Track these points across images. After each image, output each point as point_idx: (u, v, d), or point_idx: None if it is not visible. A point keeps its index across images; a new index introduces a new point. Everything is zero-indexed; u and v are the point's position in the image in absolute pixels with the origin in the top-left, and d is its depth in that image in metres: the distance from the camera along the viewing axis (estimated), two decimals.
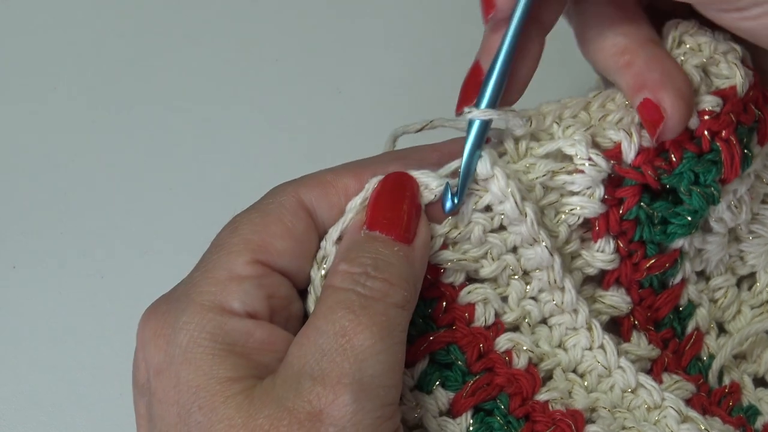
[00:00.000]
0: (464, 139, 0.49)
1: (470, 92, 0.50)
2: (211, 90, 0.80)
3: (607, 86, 0.53)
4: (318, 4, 0.84)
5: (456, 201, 0.48)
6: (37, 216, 0.75)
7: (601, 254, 0.52)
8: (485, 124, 0.49)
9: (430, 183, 0.48)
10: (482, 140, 0.49)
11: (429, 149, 0.51)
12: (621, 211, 0.51)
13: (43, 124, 0.79)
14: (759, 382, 0.56)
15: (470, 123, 0.49)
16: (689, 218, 0.51)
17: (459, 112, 0.50)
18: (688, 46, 0.52)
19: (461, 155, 0.49)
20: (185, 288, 0.46)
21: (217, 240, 0.47)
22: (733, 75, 0.51)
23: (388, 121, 0.78)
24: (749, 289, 0.57)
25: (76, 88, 0.81)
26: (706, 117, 0.50)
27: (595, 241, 0.52)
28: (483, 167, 0.48)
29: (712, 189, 0.51)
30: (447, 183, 0.48)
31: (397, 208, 0.47)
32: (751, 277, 0.57)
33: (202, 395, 0.43)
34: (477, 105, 0.49)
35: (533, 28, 0.51)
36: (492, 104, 0.49)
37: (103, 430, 0.68)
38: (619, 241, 0.51)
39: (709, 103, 0.50)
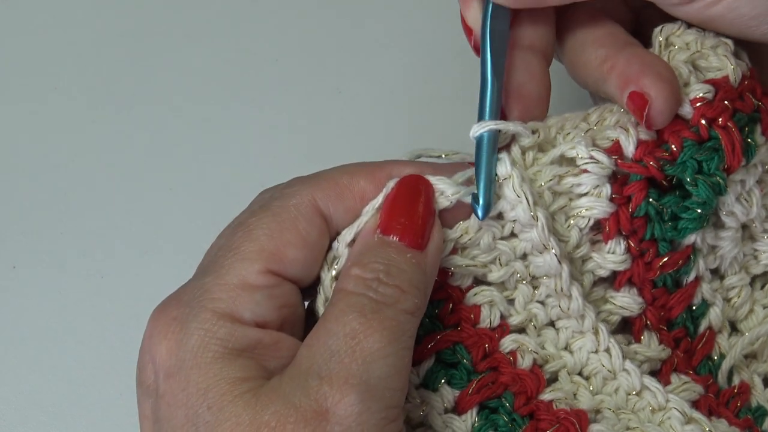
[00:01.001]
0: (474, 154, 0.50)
1: None
2: (211, 90, 0.80)
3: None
4: (318, 4, 0.84)
5: (487, 206, 0.48)
6: (37, 216, 0.75)
7: (612, 255, 0.52)
8: (493, 141, 0.49)
9: (446, 190, 0.48)
10: (496, 147, 0.49)
11: (433, 167, 0.51)
12: (630, 209, 0.51)
13: (43, 124, 0.79)
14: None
15: (479, 143, 0.49)
16: (699, 210, 0.51)
17: None
18: (676, 46, 0.53)
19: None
20: (197, 292, 0.46)
21: (229, 242, 0.47)
22: (724, 66, 0.51)
23: (388, 121, 0.79)
24: (762, 288, 0.56)
25: (76, 88, 0.81)
26: (699, 104, 0.50)
27: (606, 243, 0.52)
28: (503, 168, 0.49)
29: (718, 178, 0.50)
30: (473, 193, 0.48)
31: (412, 213, 0.47)
32: (765, 276, 0.56)
33: (211, 396, 0.43)
34: (479, 120, 0.50)
35: (528, 52, 0.53)
36: (491, 116, 0.50)
37: (103, 430, 0.68)
38: (630, 241, 0.51)
39: (700, 90, 0.51)
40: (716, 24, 0.51)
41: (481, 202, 0.48)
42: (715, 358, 0.55)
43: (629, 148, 0.50)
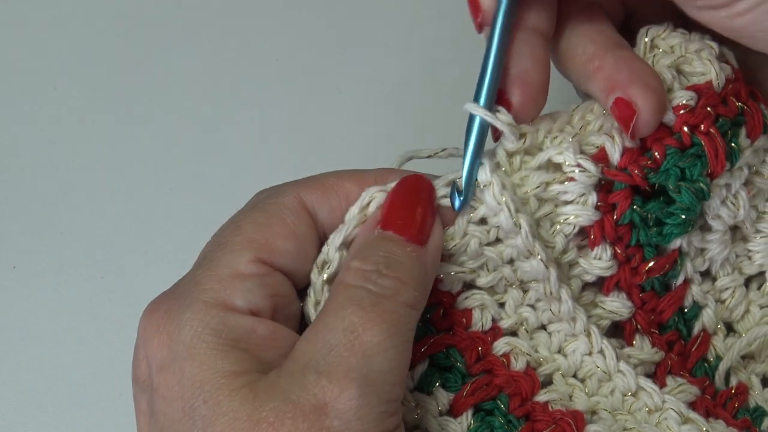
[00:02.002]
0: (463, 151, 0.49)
1: None
2: (211, 90, 0.80)
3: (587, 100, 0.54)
4: (318, 4, 0.84)
5: (463, 199, 0.48)
6: (37, 216, 0.75)
7: (598, 261, 0.52)
8: (483, 129, 0.49)
9: (438, 191, 0.48)
10: (482, 144, 0.49)
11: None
12: (615, 217, 0.51)
13: (43, 124, 0.79)
14: (766, 382, 0.56)
15: (469, 126, 0.49)
16: (683, 216, 0.51)
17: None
18: (660, 49, 0.53)
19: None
20: (188, 285, 0.46)
21: (219, 238, 0.47)
22: (708, 71, 0.51)
23: (388, 121, 0.79)
24: (759, 288, 0.56)
25: (76, 88, 0.81)
26: (682, 111, 0.50)
27: (592, 249, 0.52)
28: (483, 174, 0.49)
29: (701, 183, 0.51)
30: (454, 182, 0.48)
31: (413, 209, 0.47)
32: (761, 276, 0.56)
33: (207, 389, 0.43)
34: (475, 101, 0.49)
35: (533, 36, 0.52)
36: (487, 103, 0.49)
37: (103, 430, 0.68)
38: (616, 248, 0.52)
39: (683, 97, 0.51)
40: (738, 34, 0.51)
41: (459, 197, 0.48)
42: (711, 359, 0.55)
43: (615, 156, 0.50)
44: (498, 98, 0.50)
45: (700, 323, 0.55)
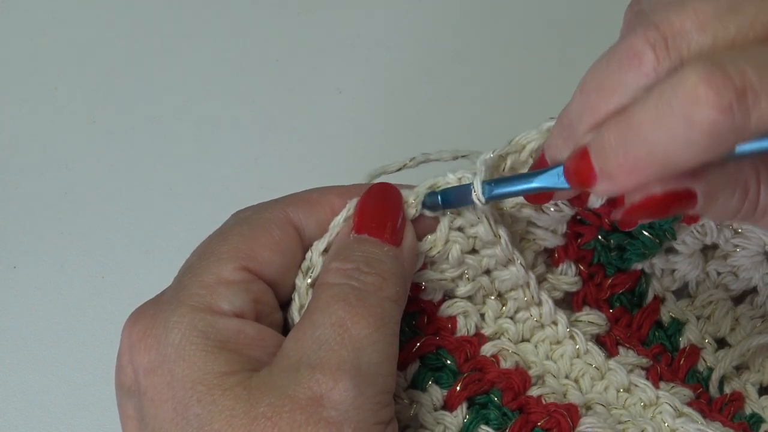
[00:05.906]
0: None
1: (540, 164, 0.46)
2: (211, 90, 0.80)
3: None
4: (318, 4, 0.84)
5: (439, 204, 0.48)
6: (37, 216, 0.76)
7: (564, 277, 0.53)
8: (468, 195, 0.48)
9: (409, 197, 0.49)
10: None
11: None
12: (579, 242, 0.52)
13: (43, 124, 0.79)
14: (763, 391, 0.56)
15: (466, 190, 0.47)
16: (643, 251, 0.52)
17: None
18: None
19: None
20: (173, 292, 0.46)
21: (205, 247, 0.48)
22: None
23: (388, 121, 0.79)
24: (751, 303, 0.56)
25: (76, 88, 0.81)
26: None
27: (557, 266, 0.53)
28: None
29: (666, 232, 0.52)
30: (438, 194, 0.48)
31: (383, 213, 0.48)
32: (753, 291, 0.56)
33: (200, 389, 0.43)
34: (491, 185, 0.46)
35: None
36: (496, 197, 0.47)
37: (103, 430, 0.68)
38: (579, 265, 0.53)
39: None
40: None
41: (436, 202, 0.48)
42: (702, 370, 0.55)
43: (595, 204, 0.51)
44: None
45: (685, 338, 0.55)
